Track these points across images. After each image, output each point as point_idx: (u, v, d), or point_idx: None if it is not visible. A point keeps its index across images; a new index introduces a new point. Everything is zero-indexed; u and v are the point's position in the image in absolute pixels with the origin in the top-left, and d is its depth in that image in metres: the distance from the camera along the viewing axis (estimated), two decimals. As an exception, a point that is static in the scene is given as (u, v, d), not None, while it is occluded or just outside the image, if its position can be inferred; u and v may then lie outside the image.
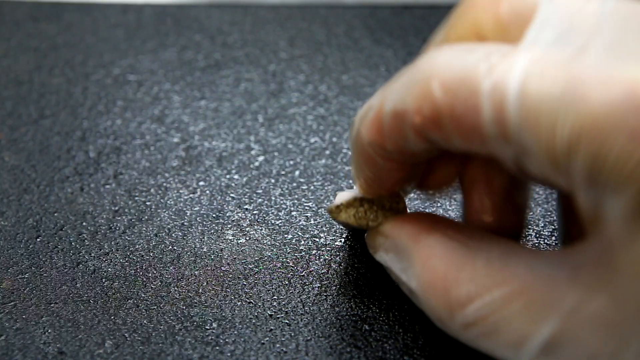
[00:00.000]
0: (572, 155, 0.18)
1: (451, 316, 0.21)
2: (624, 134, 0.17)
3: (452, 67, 0.19)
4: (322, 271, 0.28)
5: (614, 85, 0.17)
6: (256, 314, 0.27)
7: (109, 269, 0.28)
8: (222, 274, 0.28)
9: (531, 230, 0.30)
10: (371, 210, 0.26)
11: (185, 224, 0.30)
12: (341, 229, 0.30)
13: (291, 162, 0.33)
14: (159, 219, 0.31)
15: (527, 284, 0.20)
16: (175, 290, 0.28)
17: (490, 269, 0.21)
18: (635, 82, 0.17)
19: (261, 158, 0.34)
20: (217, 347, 0.26)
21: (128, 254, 0.29)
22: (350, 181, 0.32)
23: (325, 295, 0.27)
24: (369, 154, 0.23)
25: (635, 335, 0.19)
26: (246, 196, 0.32)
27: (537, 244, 0.30)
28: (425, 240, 0.23)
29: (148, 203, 0.31)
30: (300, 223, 0.30)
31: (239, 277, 0.28)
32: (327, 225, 0.30)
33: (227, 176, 0.33)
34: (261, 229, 0.30)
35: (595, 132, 0.17)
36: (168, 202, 0.31)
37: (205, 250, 0.29)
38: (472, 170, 0.24)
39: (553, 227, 0.30)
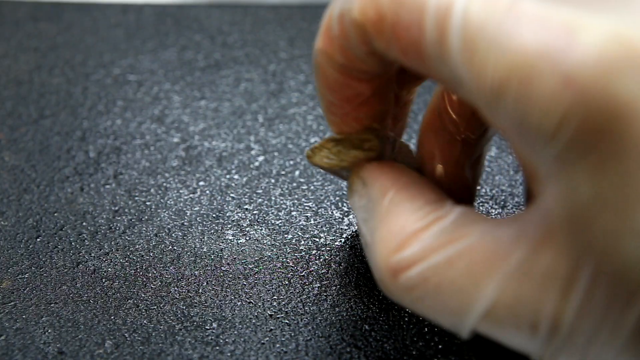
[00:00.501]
0: (501, 95, 0.18)
1: (395, 276, 0.21)
2: (555, 75, 0.16)
3: None
4: (322, 271, 0.28)
5: (550, 26, 0.17)
6: (256, 314, 0.27)
7: (109, 269, 0.28)
8: (222, 274, 0.28)
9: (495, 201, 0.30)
10: (342, 150, 0.25)
11: (185, 224, 0.30)
12: (341, 228, 0.30)
13: (291, 162, 0.33)
14: (159, 219, 0.31)
15: (470, 245, 0.20)
16: (175, 290, 0.28)
17: (440, 233, 0.21)
18: (572, 25, 0.17)
19: (261, 158, 0.34)
20: (217, 347, 0.26)
21: (128, 254, 0.29)
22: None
23: (325, 295, 0.27)
24: (324, 70, 0.23)
25: (577, 281, 0.19)
26: (246, 196, 0.32)
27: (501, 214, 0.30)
28: (392, 196, 0.23)
29: (148, 203, 0.31)
30: (300, 223, 0.30)
31: (239, 277, 0.28)
32: (327, 225, 0.30)
33: (227, 176, 0.33)
34: (261, 229, 0.30)
35: (526, 72, 0.17)
36: (168, 202, 0.31)
37: (205, 250, 0.29)
38: (428, 141, 0.25)
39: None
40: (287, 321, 0.27)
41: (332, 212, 0.31)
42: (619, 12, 0.17)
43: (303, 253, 0.29)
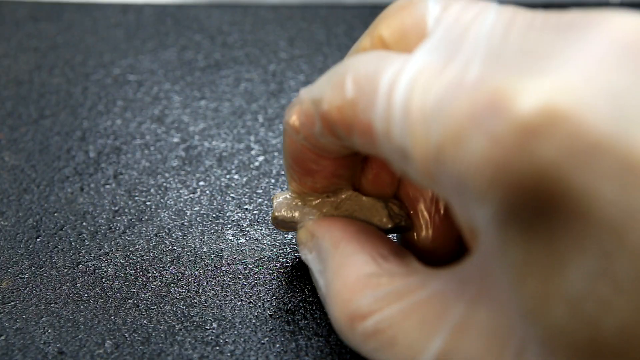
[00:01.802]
0: (439, 162, 0.18)
1: (352, 327, 0.22)
2: (484, 138, 0.17)
3: (366, 67, 0.21)
4: (322, 271, 0.28)
5: (484, 94, 0.17)
6: (256, 314, 0.27)
7: (109, 269, 0.28)
8: (222, 274, 0.28)
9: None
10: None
11: (185, 224, 0.30)
12: (341, 229, 0.30)
13: (291, 162, 0.33)
14: (159, 219, 0.31)
15: (421, 300, 0.21)
16: (175, 290, 0.28)
17: (391, 285, 0.22)
18: (498, 91, 0.17)
19: (261, 158, 0.34)
20: (217, 347, 0.26)
21: (128, 254, 0.29)
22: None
23: (325, 295, 0.27)
24: (290, 140, 0.24)
25: (511, 338, 0.19)
26: (246, 196, 0.32)
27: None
28: (344, 248, 0.24)
29: (148, 203, 0.31)
30: (300, 223, 0.30)
31: (239, 277, 0.28)
32: (327, 225, 0.30)
33: (227, 176, 0.33)
34: (261, 229, 0.30)
35: (458, 137, 0.18)
36: (168, 202, 0.31)
37: (205, 250, 0.29)
38: (410, 186, 0.26)
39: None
40: (287, 321, 0.27)
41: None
42: (555, 75, 0.17)
43: (303, 253, 0.29)
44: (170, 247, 0.29)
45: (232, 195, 0.32)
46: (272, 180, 0.32)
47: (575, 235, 0.16)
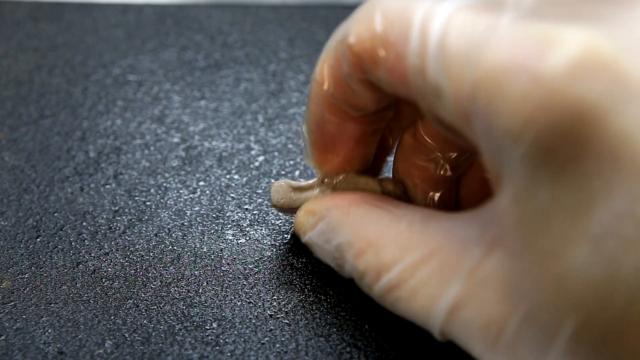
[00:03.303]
0: (475, 99, 0.18)
1: (377, 280, 0.22)
2: (526, 77, 0.17)
3: (395, 3, 0.21)
4: (322, 271, 0.28)
5: (525, 40, 0.18)
6: (256, 314, 0.27)
7: (109, 269, 0.28)
8: (222, 274, 0.28)
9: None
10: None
11: (185, 224, 0.30)
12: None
13: (291, 162, 0.33)
14: (159, 219, 0.31)
15: (440, 245, 0.21)
16: (175, 290, 0.28)
17: (411, 231, 0.22)
18: (546, 38, 0.17)
19: (261, 158, 0.34)
20: (217, 347, 0.26)
21: (128, 254, 0.29)
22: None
23: (325, 295, 0.27)
24: (316, 102, 0.24)
25: (524, 300, 0.19)
26: (246, 196, 0.32)
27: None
28: (355, 211, 0.24)
29: (148, 203, 0.31)
30: (300, 223, 0.30)
31: (239, 277, 0.28)
32: (327, 225, 0.30)
33: (227, 176, 0.33)
34: (261, 229, 0.30)
35: (498, 75, 0.18)
36: (168, 202, 0.31)
37: (205, 250, 0.29)
38: (405, 160, 0.27)
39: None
40: (287, 321, 0.27)
41: (332, 212, 0.31)
42: (594, 24, 0.17)
43: (303, 253, 0.29)
44: (170, 247, 0.29)
45: (232, 195, 0.32)
46: (272, 180, 0.32)
47: (605, 178, 0.17)
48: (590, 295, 0.17)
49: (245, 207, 0.31)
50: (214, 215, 0.31)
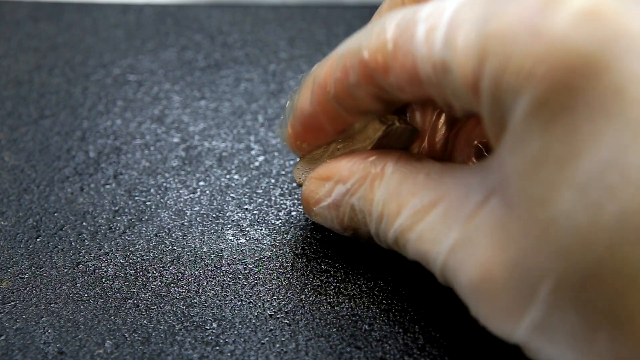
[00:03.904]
0: (481, 63, 0.19)
1: (392, 224, 0.24)
2: (528, 34, 0.18)
3: (404, 13, 0.22)
4: (322, 271, 0.28)
5: (530, 3, 0.19)
6: (256, 314, 0.27)
7: (109, 269, 0.28)
8: (222, 274, 0.28)
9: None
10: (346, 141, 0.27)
11: (185, 224, 0.30)
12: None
13: (291, 162, 0.33)
14: (159, 219, 0.31)
15: (447, 192, 0.22)
16: (175, 290, 0.28)
17: (427, 181, 0.23)
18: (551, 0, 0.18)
19: (261, 158, 0.34)
20: (217, 347, 0.26)
21: (128, 254, 0.29)
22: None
23: (325, 295, 0.27)
24: (316, 99, 0.25)
25: (512, 246, 0.19)
26: (246, 196, 0.32)
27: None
28: (383, 171, 0.25)
29: (148, 203, 0.31)
30: (300, 223, 0.30)
31: (239, 277, 0.28)
32: (327, 225, 0.30)
33: (227, 176, 0.33)
34: (261, 229, 0.30)
35: (503, 36, 0.19)
36: (168, 202, 0.31)
37: (205, 250, 0.29)
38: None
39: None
40: (287, 321, 0.27)
41: (332, 212, 0.31)
42: None
43: (303, 253, 0.29)
44: (170, 247, 0.29)
45: (232, 195, 0.32)
46: (272, 180, 0.32)
47: (594, 128, 0.17)
48: (573, 242, 0.18)
49: (245, 207, 0.31)
50: (214, 215, 0.31)
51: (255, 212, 0.31)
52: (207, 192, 0.32)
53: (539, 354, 0.20)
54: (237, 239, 0.30)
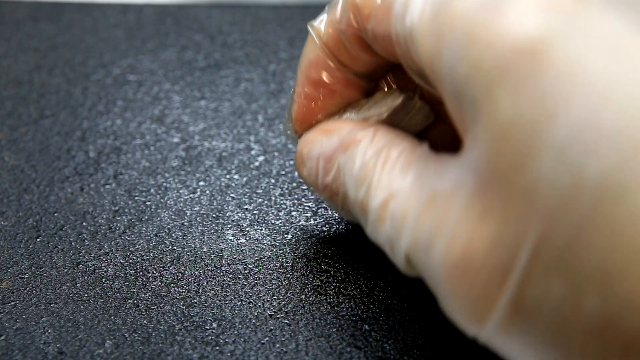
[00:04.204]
0: (441, 36, 0.20)
1: (385, 209, 0.23)
2: (489, 8, 0.19)
3: None
4: (322, 271, 0.28)
5: None
6: (256, 314, 0.27)
7: (109, 269, 0.28)
8: (222, 274, 0.28)
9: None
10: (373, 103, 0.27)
11: (185, 224, 0.30)
12: (341, 229, 0.30)
13: (291, 162, 0.33)
14: (159, 219, 0.31)
15: (423, 171, 0.22)
16: (175, 290, 0.28)
17: (417, 160, 0.23)
18: None
19: (261, 158, 0.34)
20: (217, 347, 0.26)
21: (128, 254, 0.29)
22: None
23: (325, 295, 0.27)
24: (311, 49, 0.26)
25: (492, 218, 0.19)
26: (246, 196, 0.32)
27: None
28: (380, 137, 0.24)
29: (148, 203, 0.31)
30: (300, 223, 0.30)
31: (239, 277, 0.28)
32: (327, 226, 0.30)
33: (227, 176, 0.33)
34: (261, 229, 0.30)
35: (463, 14, 0.19)
36: (168, 202, 0.31)
37: (205, 250, 0.29)
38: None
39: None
40: (287, 321, 0.27)
41: (332, 212, 0.31)
42: None
43: (303, 253, 0.29)
44: (170, 247, 0.29)
45: (232, 195, 0.32)
46: (272, 180, 0.32)
47: (563, 92, 0.18)
48: (556, 204, 0.17)
49: (245, 207, 0.31)
50: (214, 215, 0.31)
51: (255, 212, 0.31)
52: (207, 192, 0.32)
53: (510, 346, 0.19)
54: (237, 239, 0.30)
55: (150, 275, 0.28)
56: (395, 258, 0.22)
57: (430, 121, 0.27)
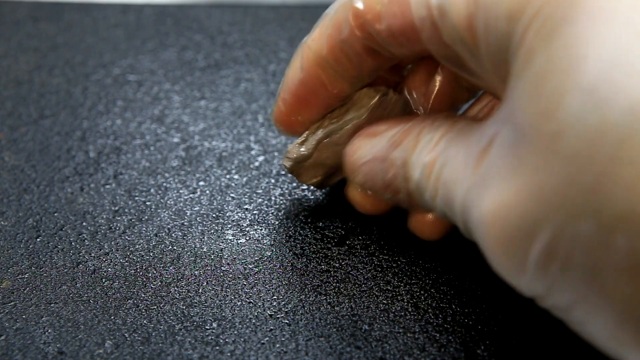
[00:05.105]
0: (477, 5, 0.20)
1: (430, 172, 0.24)
2: None
3: None
4: (322, 271, 0.28)
5: None
6: (256, 314, 0.27)
7: (109, 269, 0.28)
8: (222, 274, 0.28)
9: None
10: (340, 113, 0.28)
11: (185, 224, 0.30)
12: (341, 229, 0.30)
13: (291, 162, 0.33)
14: (159, 219, 0.31)
15: (466, 137, 0.23)
16: (175, 290, 0.28)
17: (460, 131, 0.23)
18: None
19: (261, 158, 0.34)
20: (217, 347, 0.26)
21: (128, 254, 0.29)
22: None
23: (325, 295, 0.27)
24: (307, 63, 0.26)
25: (520, 170, 0.19)
26: (246, 196, 0.32)
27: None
28: (414, 125, 0.25)
29: (148, 203, 0.31)
30: (300, 223, 0.30)
31: (239, 277, 0.28)
32: (327, 225, 0.30)
33: (227, 176, 0.33)
34: (261, 229, 0.30)
35: None
36: (168, 202, 0.31)
37: (205, 250, 0.29)
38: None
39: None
40: (287, 321, 0.27)
41: (332, 213, 0.31)
42: None
43: (303, 253, 0.29)
44: (170, 247, 0.29)
45: (232, 195, 0.32)
46: (272, 180, 0.32)
47: (596, 32, 0.18)
48: (584, 145, 0.17)
49: (245, 207, 0.31)
50: (214, 215, 0.31)
51: (255, 212, 0.31)
52: (207, 192, 0.32)
53: (550, 293, 0.19)
54: (237, 239, 0.30)
55: (150, 275, 0.28)
56: (459, 225, 0.23)
57: (410, 110, 0.28)
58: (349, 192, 0.29)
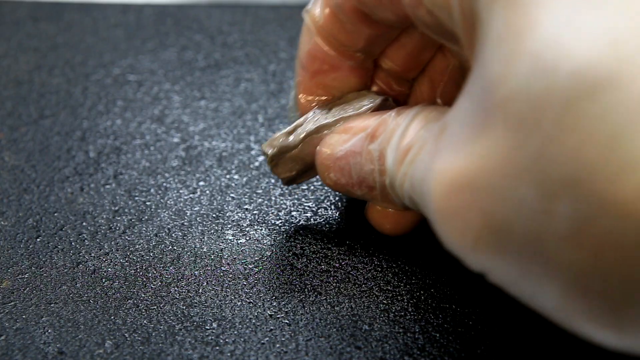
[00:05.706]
0: None
1: (405, 156, 0.24)
2: None
3: None
4: (322, 271, 0.28)
5: None
6: (256, 314, 0.27)
7: (109, 269, 0.28)
8: (222, 274, 0.28)
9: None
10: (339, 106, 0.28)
11: (185, 224, 0.30)
12: (341, 229, 0.30)
13: (291, 162, 0.33)
14: (159, 219, 0.31)
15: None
16: (175, 290, 0.28)
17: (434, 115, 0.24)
18: None
19: (261, 158, 0.34)
20: (217, 347, 0.26)
21: (128, 254, 0.29)
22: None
23: (326, 295, 0.27)
24: (308, 38, 0.27)
25: (480, 136, 0.19)
26: (246, 196, 0.32)
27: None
28: (398, 118, 0.25)
29: (148, 203, 0.31)
30: (300, 223, 0.30)
31: (239, 277, 0.28)
32: (327, 225, 0.30)
33: (227, 176, 0.33)
34: (261, 229, 0.30)
35: None
36: (168, 202, 0.31)
37: (205, 250, 0.29)
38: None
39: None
40: (287, 321, 0.27)
41: (332, 212, 0.31)
42: None
43: (303, 253, 0.29)
44: (170, 247, 0.29)
45: (232, 195, 0.32)
46: (272, 180, 0.32)
47: (550, 1, 0.17)
48: (527, 112, 0.17)
49: (245, 207, 0.31)
50: (214, 215, 0.31)
51: (255, 212, 0.31)
52: (207, 192, 0.32)
53: (496, 266, 0.19)
54: (237, 239, 0.30)
55: (150, 275, 0.28)
56: (422, 209, 0.23)
57: None
58: (369, 212, 0.28)
